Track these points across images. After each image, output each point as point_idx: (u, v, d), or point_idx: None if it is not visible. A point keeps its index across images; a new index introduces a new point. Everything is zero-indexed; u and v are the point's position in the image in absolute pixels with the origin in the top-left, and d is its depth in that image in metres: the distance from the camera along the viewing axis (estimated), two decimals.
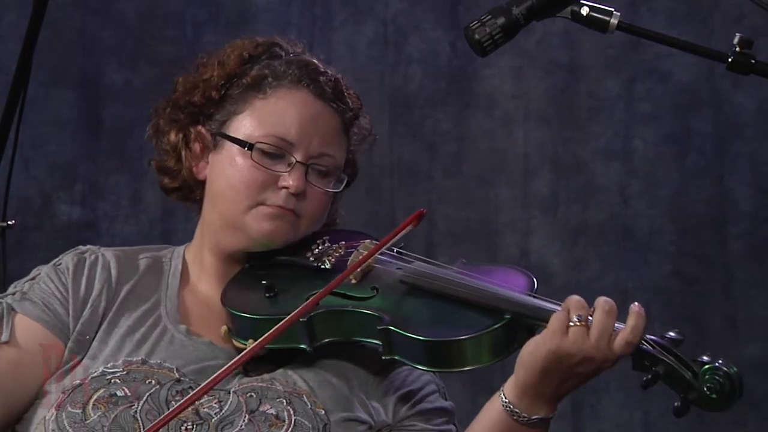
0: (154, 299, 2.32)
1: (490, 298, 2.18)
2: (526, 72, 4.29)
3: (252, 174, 2.28)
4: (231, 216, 2.30)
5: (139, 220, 4.20)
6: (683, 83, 4.23)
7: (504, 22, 2.10)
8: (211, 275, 2.37)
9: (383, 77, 4.27)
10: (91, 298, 2.28)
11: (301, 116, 2.31)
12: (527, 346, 2.13)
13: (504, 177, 4.27)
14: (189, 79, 2.40)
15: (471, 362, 2.15)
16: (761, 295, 4.14)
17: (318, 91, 2.32)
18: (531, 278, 2.28)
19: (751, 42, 2.04)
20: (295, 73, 2.32)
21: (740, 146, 4.21)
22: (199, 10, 4.32)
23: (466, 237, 4.25)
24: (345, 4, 4.31)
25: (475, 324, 2.15)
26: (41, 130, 4.16)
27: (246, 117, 2.32)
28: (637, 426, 4.16)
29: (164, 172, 2.41)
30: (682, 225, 4.22)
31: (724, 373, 2.10)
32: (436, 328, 2.17)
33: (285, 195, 2.28)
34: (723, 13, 4.19)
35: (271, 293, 2.28)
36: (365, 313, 2.21)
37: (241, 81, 2.34)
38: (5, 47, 4.09)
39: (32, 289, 2.29)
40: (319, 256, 2.34)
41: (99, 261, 2.33)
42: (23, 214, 4.08)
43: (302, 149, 2.30)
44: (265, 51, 2.37)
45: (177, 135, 2.38)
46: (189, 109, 2.37)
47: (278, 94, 2.31)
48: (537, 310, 2.15)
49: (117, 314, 2.28)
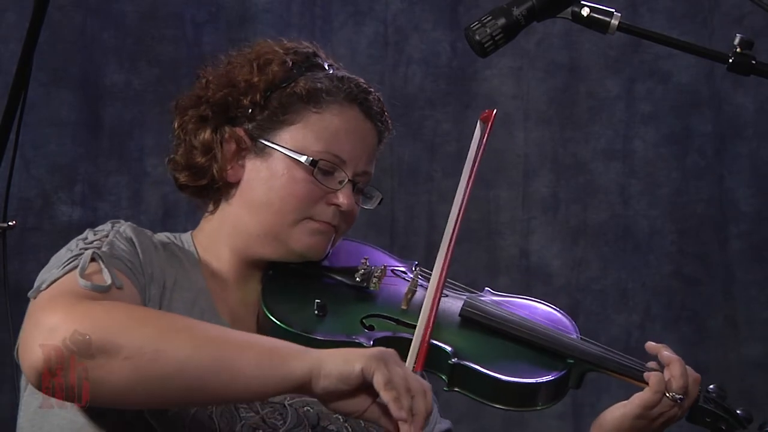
0: (195, 289, 2.24)
1: (553, 341, 2.26)
2: (527, 72, 4.29)
3: (308, 188, 2.25)
4: (275, 227, 2.26)
5: (140, 221, 4.15)
6: (683, 84, 4.23)
7: (504, 23, 2.10)
8: (230, 273, 2.30)
9: (383, 78, 4.27)
10: (155, 276, 2.18)
11: (354, 134, 2.30)
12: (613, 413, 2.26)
13: (504, 177, 4.28)
14: (221, 75, 2.33)
15: (529, 405, 2.21)
16: (761, 295, 4.14)
17: (367, 111, 2.33)
18: (571, 321, 2.36)
19: (751, 43, 2.04)
20: (350, 91, 2.32)
21: (740, 146, 4.21)
22: (199, 10, 4.32)
23: (466, 237, 4.25)
24: (345, 4, 4.32)
25: (541, 367, 2.22)
26: (41, 130, 4.16)
27: (300, 129, 2.28)
28: None
29: (191, 168, 2.32)
30: (683, 225, 4.22)
31: None
32: (505, 367, 2.20)
33: (333, 211, 2.27)
34: (723, 14, 4.19)
35: (321, 312, 2.24)
36: (436, 345, 2.19)
37: (291, 90, 2.29)
38: (5, 48, 4.09)
39: (115, 247, 2.14)
40: (367, 277, 2.32)
41: (150, 242, 2.24)
42: (24, 215, 4.08)
43: (351, 167, 2.29)
44: (305, 60, 2.35)
45: (213, 133, 2.30)
46: (224, 109, 2.31)
47: (333, 110, 2.29)
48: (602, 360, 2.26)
49: (172, 300, 2.19)
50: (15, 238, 2.89)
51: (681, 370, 2.24)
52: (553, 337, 2.26)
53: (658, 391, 2.22)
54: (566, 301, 4.05)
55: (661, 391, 2.22)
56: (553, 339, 2.26)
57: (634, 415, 2.23)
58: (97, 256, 2.07)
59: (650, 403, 2.22)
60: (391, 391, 1.85)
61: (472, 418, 2.58)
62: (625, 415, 2.24)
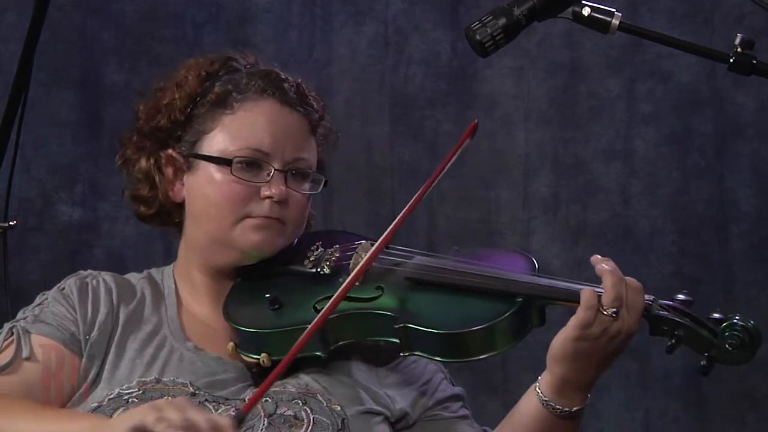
0: (156, 321, 2.34)
1: (498, 283, 2.20)
2: (527, 72, 4.28)
3: (233, 189, 2.30)
4: (218, 233, 2.32)
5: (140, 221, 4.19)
6: (684, 83, 4.23)
7: (505, 23, 2.11)
8: (204, 294, 2.38)
9: (384, 78, 4.27)
10: (98, 322, 2.30)
11: (272, 125, 2.33)
12: (557, 340, 2.16)
13: (504, 177, 4.27)
14: (149, 105, 2.42)
15: (488, 350, 2.17)
16: (762, 295, 4.14)
17: (283, 98, 2.35)
18: (530, 259, 2.30)
19: (752, 42, 2.04)
20: (258, 84, 2.34)
21: (741, 146, 4.21)
22: (199, 10, 4.32)
23: (466, 237, 4.24)
24: (345, 4, 4.31)
25: (488, 312, 2.17)
26: (42, 130, 4.16)
27: (217, 134, 2.33)
28: (638, 426, 4.16)
29: (139, 200, 2.42)
30: (683, 225, 4.22)
31: (741, 327, 2.13)
32: (452, 321, 2.18)
33: (269, 204, 2.30)
34: (724, 14, 4.19)
35: (276, 305, 2.28)
36: (378, 314, 2.22)
37: (204, 100, 2.35)
38: (6, 48, 4.09)
39: (43, 312, 2.31)
40: (317, 262, 2.35)
41: (101, 285, 2.35)
42: (24, 215, 4.07)
43: (278, 157, 2.32)
44: (222, 66, 2.39)
45: (147, 161, 2.39)
46: (155, 135, 2.38)
47: (245, 107, 2.33)
48: (552, 291, 2.18)
49: (122, 338, 2.30)
50: (15, 238, 2.89)
51: (612, 281, 2.12)
52: (499, 279, 2.20)
53: (589, 308, 2.10)
54: None
55: (592, 306, 2.10)
56: (499, 280, 2.20)
57: (574, 336, 2.12)
58: (15, 330, 2.27)
59: (584, 321, 2.11)
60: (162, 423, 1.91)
61: (473, 417, 2.59)
62: (566, 339, 2.13)
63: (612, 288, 2.13)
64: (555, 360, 2.16)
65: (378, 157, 4.25)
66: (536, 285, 2.19)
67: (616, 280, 2.13)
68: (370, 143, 4.23)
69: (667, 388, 4.26)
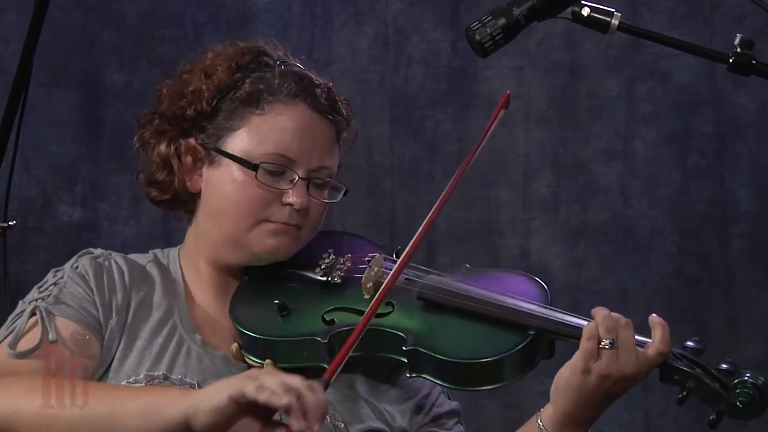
0: (166, 306, 2.31)
1: (512, 314, 2.19)
2: (527, 72, 4.29)
3: (255, 192, 2.27)
4: (234, 233, 2.29)
5: (140, 221, 4.20)
6: (684, 84, 4.23)
7: (505, 23, 2.10)
8: (208, 284, 2.36)
9: (384, 78, 4.27)
10: (116, 307, 2.27)
11: (301, 132, 2.29)
12: (562, 373, 2.16)
13: (504, 177, 4.27)
14: (174, 89, 2.36)
15: (496, 381, 2.17)
16: (762, 295, 4.14)
17: (314, 105, 2.30)
18: (543, 287, 2.29)
19: (752, 43, 2.04)
20: (291, 87, 2.29)
21: (741, 146, 4.21)
22: (200, 10, 4.32)
23: (466, 238, 4.25)
24: (346, 4, 4.31)
25: (501, 342, 2.16)
26: (42, 130, 4.16)
27: (244, 133, 2.29)
28: (638, 426, 4.16)
29: (154, 184, 2.38)
30: (683, 225, 4.22)
31: (752, 384, 2.13)
32: (463, 349, 2.17)
33: (289, 211, 2.27)
34: (724, 14, 4.19)
35: (284, 312, 2.25)
36: (388, 332, 2.19)
37: (233, 94, 2.30)
38: (6, 48, 4.09)
39: (62, 293, 2.26)
40: (328, 271, 2.32)
41: (114, 267, 2.31)
42: (24, 215, 4.07)
43: (303, 165, 2.28)
44: (253, 60, 2.34)
45: (168, 147, 2.34)
46: (178, 122, 2.33)
47: (276, 110, 2.29)
48: (561, 327, 2.18)
49: (134, 325, 2.27)
50: (15, 238, 2.88)
51: (603, 314, 2.14)
52: (513, 310, 2.19)
53: (590, 338, 2.11)
54: (567, 301, 4.05)
55: (593, 336, 2.11)
56: (513, 312, 2.19)
57: (580, 368, 2.12)
58: (38, 311, 2.20)
59: (587, 352, 2.11)
60: (264, 391, 1.87)
61: (473, 418, 2.58)
62: (573, 370, 2.13)
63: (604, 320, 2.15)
64: (559, 392, 2.17)
65: (378, 157, 4.25)
66: (550, 319, 2.19)
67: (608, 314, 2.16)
68: (370, 143, 4.23)
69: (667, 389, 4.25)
